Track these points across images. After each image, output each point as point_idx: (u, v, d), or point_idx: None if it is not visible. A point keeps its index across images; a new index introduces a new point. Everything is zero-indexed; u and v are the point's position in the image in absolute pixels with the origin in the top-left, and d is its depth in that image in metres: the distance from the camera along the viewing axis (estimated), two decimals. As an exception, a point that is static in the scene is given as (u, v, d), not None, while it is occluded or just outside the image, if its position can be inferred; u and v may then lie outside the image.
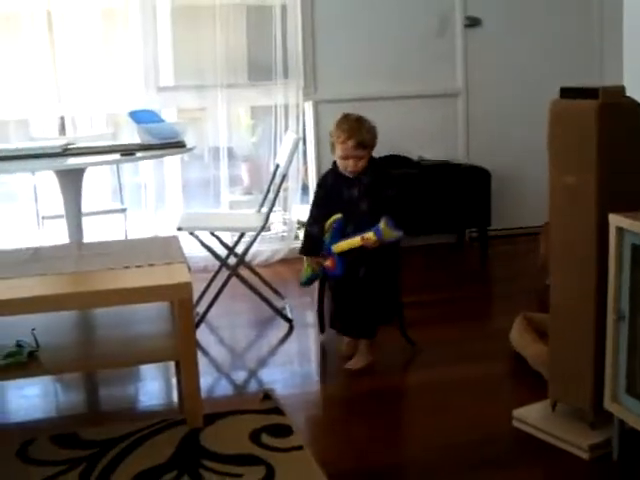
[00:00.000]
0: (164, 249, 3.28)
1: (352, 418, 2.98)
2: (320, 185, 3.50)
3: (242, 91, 5.27)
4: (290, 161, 4.07)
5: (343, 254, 3.27)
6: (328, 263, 3.32)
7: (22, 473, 2.62)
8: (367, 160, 3.31)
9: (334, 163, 3.39)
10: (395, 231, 3.17)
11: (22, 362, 2.89)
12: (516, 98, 5.55)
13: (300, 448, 2.70)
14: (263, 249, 5.20)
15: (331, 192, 3.39)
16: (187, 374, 2.85)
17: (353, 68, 5.34)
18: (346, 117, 3.35)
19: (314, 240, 3.40)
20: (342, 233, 3.28)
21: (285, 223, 5.43)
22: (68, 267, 3.07)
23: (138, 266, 3.02)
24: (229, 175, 5.30)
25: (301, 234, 4.97)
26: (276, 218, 5.29)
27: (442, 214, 5.25)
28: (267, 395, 3.15)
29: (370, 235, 3.16)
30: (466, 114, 5.60)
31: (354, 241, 3.22)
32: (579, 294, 2.59)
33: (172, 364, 3.41)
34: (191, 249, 4.18)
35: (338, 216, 3.28)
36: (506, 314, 3.72)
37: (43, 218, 4.77)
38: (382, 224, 3.15)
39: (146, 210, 5.15)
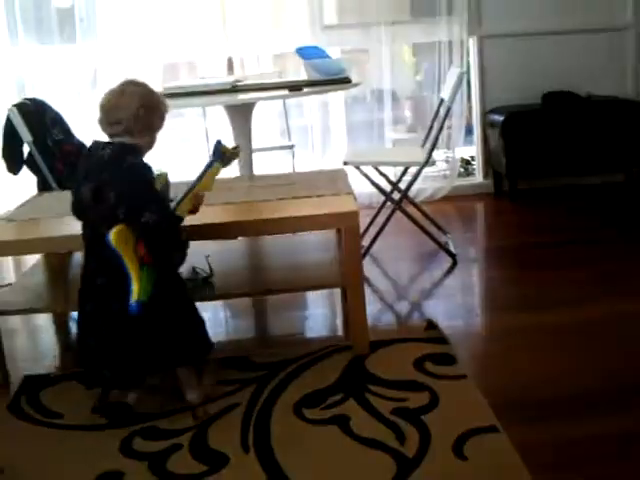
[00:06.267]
0: (332, 181, 3.32)
1: (516, 351, 2.94)
2: None
3: (405, 28, 5.21)
4: (454, 94, 3.99)
5: None
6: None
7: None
8: None
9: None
10: None
11: (197, 287, 3.03)
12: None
13: (464, 377, 2.71)
14: (426, 187, 5.23)
15: None
16: (354, 300, 2.89)
17: (519, 2, 5.17)
18: None
19: None
20: None
21: (448, 161, 5.39)
22: (239, 197, 3.18)
23: (307, 196, 3.09)
24: (392, 116, 5.30)
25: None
26: (439, 157, 5.25)
27: (610, 152, 5.07)
28: (431, 324, 3.17)
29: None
30: (636, 48, 5.33)
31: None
32: None
33: (337, 294, 3.50)
34: (356, 186, 4.22)
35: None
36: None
37: (215, 154, 4.91)
38: None
39: (312, 149, 5.24)
